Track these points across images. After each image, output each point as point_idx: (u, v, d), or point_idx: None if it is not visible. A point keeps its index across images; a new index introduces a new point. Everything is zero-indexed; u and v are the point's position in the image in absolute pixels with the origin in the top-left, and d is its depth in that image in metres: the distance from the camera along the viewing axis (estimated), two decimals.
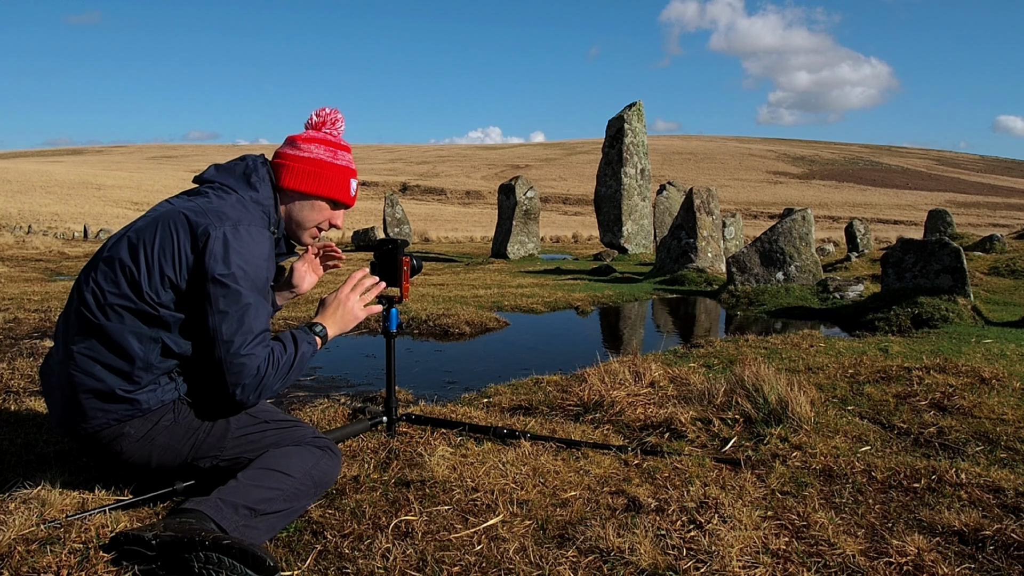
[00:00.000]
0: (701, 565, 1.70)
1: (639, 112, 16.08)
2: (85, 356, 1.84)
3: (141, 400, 1.86)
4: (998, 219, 65.19)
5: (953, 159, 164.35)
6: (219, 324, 1.84)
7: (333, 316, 2.17)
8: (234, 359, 1.84)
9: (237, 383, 1.86)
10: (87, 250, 17.36)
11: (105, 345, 1.84)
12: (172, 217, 1.90)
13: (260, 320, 1.90)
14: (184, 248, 1.86)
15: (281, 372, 1.92)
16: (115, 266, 1.87)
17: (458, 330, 5.77)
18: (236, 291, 1.85)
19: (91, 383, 1.83)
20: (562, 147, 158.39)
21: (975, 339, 5.27)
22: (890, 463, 2.43)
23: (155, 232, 1.88)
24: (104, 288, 1.86)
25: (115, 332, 1.83)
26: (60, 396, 1.89)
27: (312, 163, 2.14)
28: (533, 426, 2.77)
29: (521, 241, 16.30)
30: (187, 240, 1.87)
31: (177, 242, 1.86)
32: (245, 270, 1.88)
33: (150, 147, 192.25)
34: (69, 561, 1.63)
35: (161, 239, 1.87)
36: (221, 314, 1.84)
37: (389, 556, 1.72)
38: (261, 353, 1.88)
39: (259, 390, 1.89)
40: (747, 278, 8.61)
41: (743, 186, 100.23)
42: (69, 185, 54.82)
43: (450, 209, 68.57)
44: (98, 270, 1.90)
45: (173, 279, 1.86)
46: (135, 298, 1.84)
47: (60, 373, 1.88)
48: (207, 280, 1.84)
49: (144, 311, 1.84)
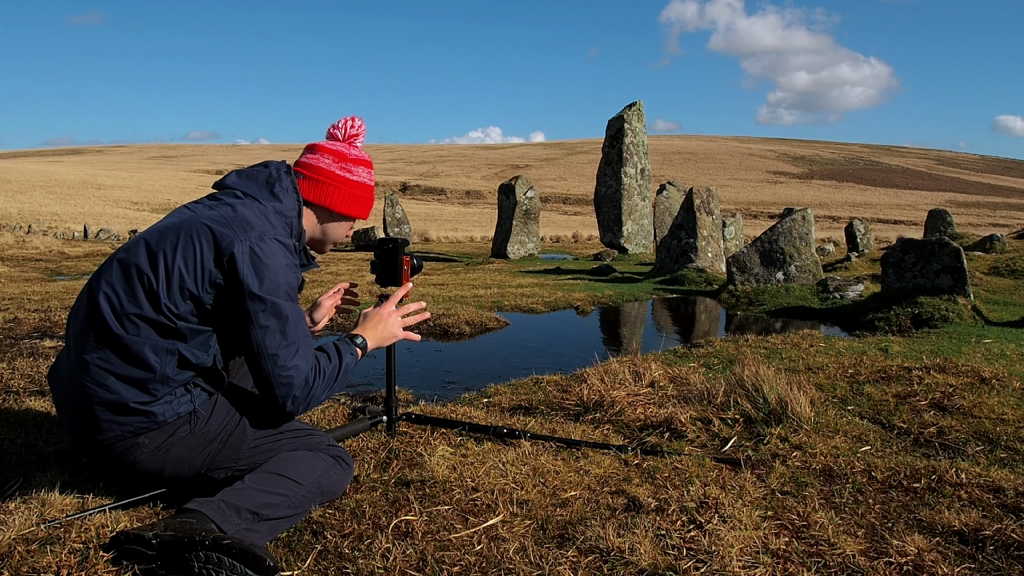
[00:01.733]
0: (701, 565, 1.70)
1: (639, 112, 16.08)
2: (99, 367, 1.79)
3: (156, 412, 1.82)
4: (998, 219, 65.18)
5: (953, 159, 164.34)
6: (263, 339, 1.81)
7: (374, 330, 2.15)
8: (282, 372, 1.83)
9: (287, 395, 1.85)
10: (87, 250, 17.36)
11: (120, 356, 1.79)
12: (195, 227, 1.84)
13: (301, 329, 1.88)
14: (207, 260, 1.81)
15: (328, 382, 1.91)
16: (132, 273, 1.82)
17: (458, 330, 5.77)
18: (274, 303, 1.82)
19: (105, 395, 1.78)
20: (562, 147, 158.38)
21: (975, 339, 5.27)
22: (890, 463, 2.43)
23: (176, 241, 1.83)
24: (120, 296, 1.81)
25: (132, 343, 1.78)
26: (72, 406, 1.84)
27: (356, 187, 2.12)
28: (533, 426, 2.77)
29: (521, 241, 16.30)
30: (210, 253, 1.82)
31: (200, 254, 1.81)
32: (278, 282, 1.85)
33: (150, 147, 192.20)
34: (69, 561, 1.63)
35: (183, 249, 1.82)
36: (263, 329, 1.81)
37: (389, 556, 1.72)
38: (307, 364, 1.87)
39: (308, 400, 1.88)
40: (747, 278, 8.61)
41: (743, 186, 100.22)
42: (69, 185, 54.82)
43: (450, 209, 68.55)
44: (113, 276, 1.84)
45: (193, 291, 1.81)
46: (152, 309, 1.79)
47: (72, 383, 1.82)
48: (244, 297, 1.80)
49: (161, 323, 1.80)
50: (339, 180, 2.10)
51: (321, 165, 2.10)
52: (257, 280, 1.81)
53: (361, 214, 2.17)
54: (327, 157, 2.11)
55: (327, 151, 2.12)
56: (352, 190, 2.12)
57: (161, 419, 1.83)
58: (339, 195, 2.10)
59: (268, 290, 1.82)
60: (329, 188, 2.08)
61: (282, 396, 1.85)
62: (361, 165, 2.15)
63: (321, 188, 2.08)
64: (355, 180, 2.12)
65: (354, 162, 2.13)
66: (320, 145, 2.14)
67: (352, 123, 2.16)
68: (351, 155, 2.13)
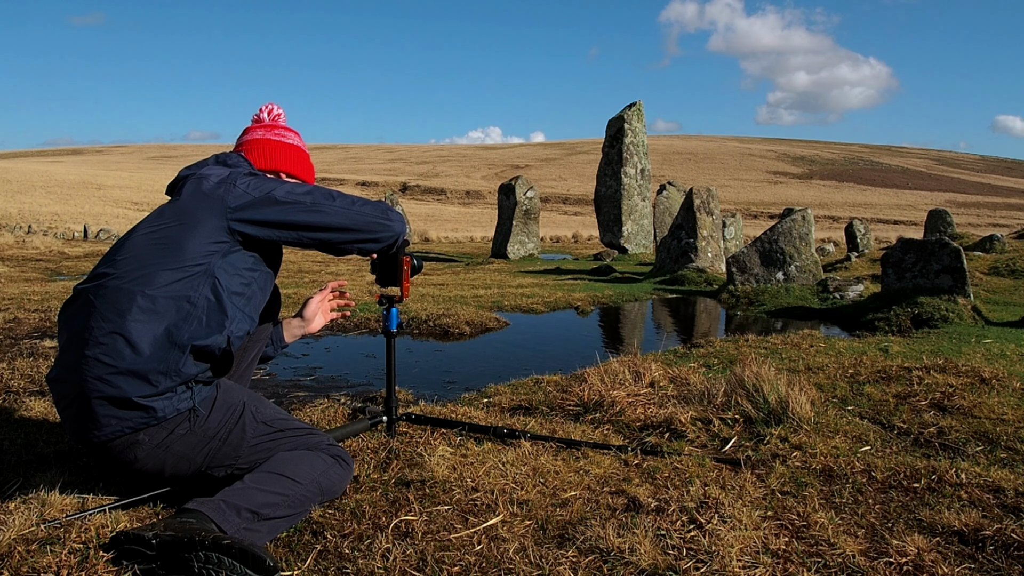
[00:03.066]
0: (701, 565, 1.70)
1: (639, 112, 16.08)
2: (100, 361, 1.79)
3: (157, 408, 1.82)
4: (998, 219, 65.18)
5: (953, 159, 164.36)
6: (314, 223, 2.00)
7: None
8: (354, 219, 2.05)
9: (386, 234, 2.13)
10: (87, 250, 17.36)
11: (122, 347, 1.79)
12: (174, 201, 1.99)
13: (321, 188, 2.08)
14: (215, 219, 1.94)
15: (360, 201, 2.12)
16: (126, 264, 1.88)
17: (458, 330, 5.77)
18: (286, 187, 2.01)
19: (106, 389, 1.78)
20: (562, 147, 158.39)
21: (975, 339, 5.27)
22: (890, 463, 2.43)
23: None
24: (116, 289, 1.83)
25: (134, 332, 1.80)
26: (72, 403, 1.84)
27: (293, 149, 2.28)
28: (533, 426, 2.77)
29: (521, 241, 16.30)
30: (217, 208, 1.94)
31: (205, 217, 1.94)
32: (276, 180, 2.05)
33: (150, 147, 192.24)
34: (69, 561, 1.63)
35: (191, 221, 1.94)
36: (305, 217, 1.99)
37: (389, 556, 1.72)
38: (365, 202, 2.11)
39: (384, 206, 2.14)
40: (747, 278, 8.61)
41: (743, 186, 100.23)
42: (69, 185, 54.81)
43: (450, 209, 68.56)
44: (108, 274, 1.89)
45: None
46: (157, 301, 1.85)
47: (73, 379, 1.82)
48: (268, 205, 1.96)
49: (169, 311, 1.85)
50: (276, 145, 2.26)
51: (256, 137, 2.27)
52: (267, 191, 1.99)
53: (308, 177, 2.31)
54: (259, 131, 2.28)
55: (256, 127, 2.30)
56: (291, 152, 2.27)
57: (161, 415, 1.83)
58: (282, 156, 2.25)
59: (282, 192, 2.00)
60: (271, 151, 2.24)
61: (381, 239, 2.14)
62: (290, 132, 2.32)
63: (265, 154, 2.23)
64: (290, 143, 2.28)
65: (285, 129, 2.31)
66: (248, 127, 2.31)
67: (272, 107, 2.34)
68: (279, 125, 2.31)
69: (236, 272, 1.95)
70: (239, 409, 1.98)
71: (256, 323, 2.06)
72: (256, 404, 2.04)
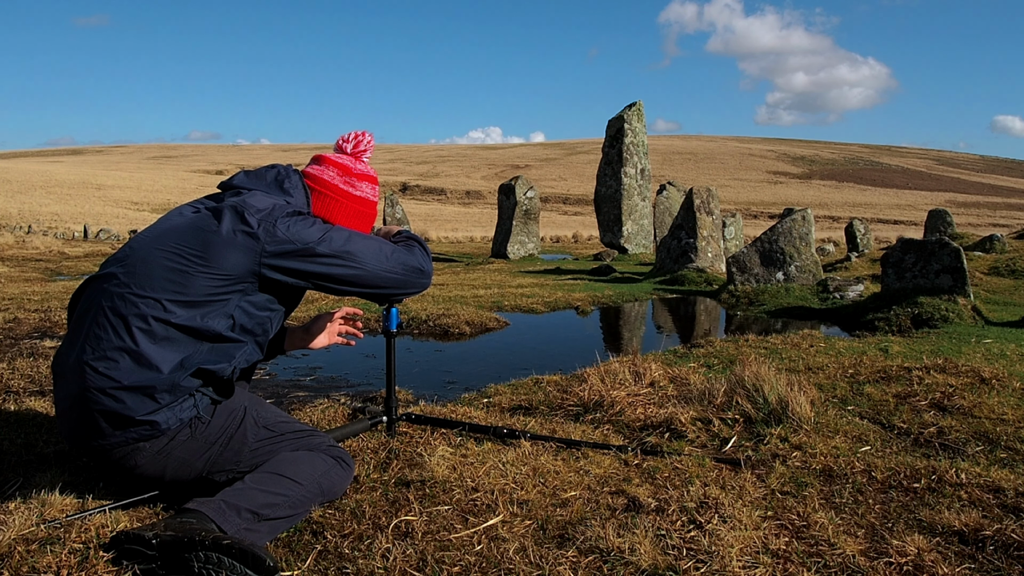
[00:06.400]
0: (701, 565, 1.70)
1: (639, 112, 16.08)
2: (104, 375, 1.76)
3: (160, 421, 1.81)
4: (998, 219, 65.17)
5: (953, 159, 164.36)
6: (349, 278, 1.98)
7: None
8: (388, 278, 2.02)
9: (416, 290, 2.11)
10: (87, 250, 17.36)
11: (129, 365, 1.77)
12: (205, 222, 1.87)
13: (360, 236, 2.03)
14: (234, 247, 1.86)
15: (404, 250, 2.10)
16: (141, 278, 1.82)
17: (458, 330, 5.77)
18: (328, 239, 1.94)
19: (110, 404, 1.76)
20: (562, 147, 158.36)
21: (975, 339, 5.27)
22: (890, 463, 2.43)
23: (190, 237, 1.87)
24: (128, 302, 1.80)
25: (144, 352, 1.77)
26: (73, 406, 1.81)
27: (359, 202, 2.13)
28: (533, 426, 2.76)
29: (521, 241, 16.30)
30: (241, 239, 1.87)
31: (220, 243, 1.85)
32: (318, 226, 1.97)
33: (150, 147, 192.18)
34: (69, 561, 1.63)
35: (203, 244, 1.85)
36: (341, 272, 1.96)
37: (389, 556, 1.72)
38: (402, 255, 2.07)
39: (421, 257, 2.12)
40: (747, 278, 8.61)
41: (743, 186, 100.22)
42: (69, 185, 54.80)
43: (450, 209, 68.55)
44: (120, 280, 1.84)
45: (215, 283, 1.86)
46: (167, 314, 1.80)
47: (75, 381, 1.80)
48: (305, 257, 1.91)
49: (182, 326, 1.81)
50: (342, 194, 2.09)
51: (325, 177, 2.09)
52: (300, 238, 1.92)
53: (362, 230, 2.15)
54: (332, 169, 2.11)
55: (332, 163, 2.11)
56: (354, 205, 2.12)
57: (164, 427, 1.82)
58: (341, 209, 2.10)
59: (316, 240, 1.93)
60: (331, 201, 2.08)
61: (409, 289, 2.11)
62: (365, 180, 2.14)
63: (323, 200, 2.08)
64: (358, 195, 2.12)
65: (359, 177, 2.13)
66: (326, 157, 2.13)
67: (361, 137, 2.17)
68: (356, 170, 2.13)
69: (254, 310, 1.92)
70: (240, 414, 1.97)
71: (264, 354, 2.03)
72: (257, 408, 2.03)
